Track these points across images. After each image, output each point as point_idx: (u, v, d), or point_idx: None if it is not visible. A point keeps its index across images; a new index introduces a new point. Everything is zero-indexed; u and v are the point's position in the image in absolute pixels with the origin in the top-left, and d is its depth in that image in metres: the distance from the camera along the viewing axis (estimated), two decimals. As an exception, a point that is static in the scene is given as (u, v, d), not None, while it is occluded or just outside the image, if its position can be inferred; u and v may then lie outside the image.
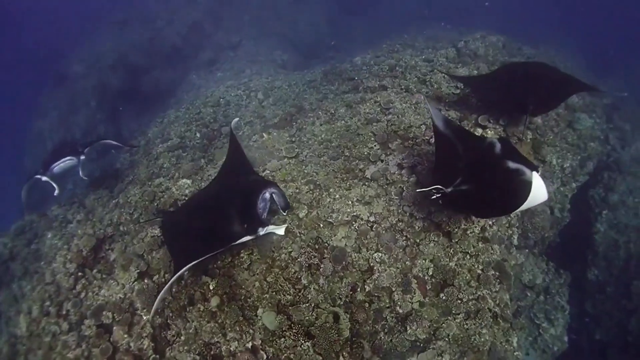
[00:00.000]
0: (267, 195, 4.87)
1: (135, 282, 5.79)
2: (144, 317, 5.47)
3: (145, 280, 5.77)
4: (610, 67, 13.71)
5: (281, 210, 5.03)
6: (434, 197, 5.05)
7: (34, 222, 8.23)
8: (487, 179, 4.97)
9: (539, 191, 4.48)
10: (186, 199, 6.55)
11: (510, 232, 6.31)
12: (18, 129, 20.60)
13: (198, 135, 8.62)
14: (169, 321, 5.38)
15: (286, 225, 5.41)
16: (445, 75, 7.86)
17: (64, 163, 7.81)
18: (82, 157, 7.90)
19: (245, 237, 4.72)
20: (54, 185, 7.76)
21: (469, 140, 5.51)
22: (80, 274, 6.26)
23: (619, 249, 8.42)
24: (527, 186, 4.61)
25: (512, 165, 4.83)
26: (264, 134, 7.43)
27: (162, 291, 4.95)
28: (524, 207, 4.70)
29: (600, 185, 9.06)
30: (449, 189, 4.94)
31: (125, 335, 5.43)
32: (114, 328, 5.51)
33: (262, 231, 4.69)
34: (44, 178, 7.72)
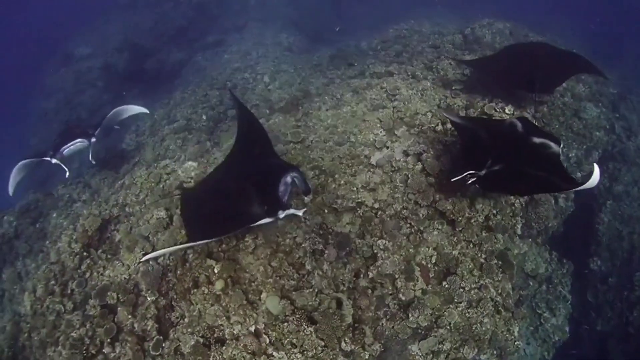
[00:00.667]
0: (289, 178, 4.75)
1: (140, 264, 5.79)
2: (149, 299, 5.49)
3: (150, 262, 5.76)
4: (618, 54, 13.60)
5: (303, 194, 5.02)
6: (470, 182, 5.10)
7: (39, 201, 8.31)
8: (517, 157, 5.11)
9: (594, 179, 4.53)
10: (192, 181, 6.57)
11: (514, 221, 6.30)
12: (22, 109, 20.60)
13: (204, 117, 8.65)
14: (173, 303, 5.40)
15: (306, 209, 5.41)
16: (452, 62, 7.84)
17: (74, 145, 7.56)
18: (93, 140, 7.66)
19: (264, 219, 4.67)
20: (65, 167, 7.58)
21: (489, 124, 5.84)
22: (85, 253, 6.26)
23: (623, 239, 8.43)
24: (556, 158, 5.05)
25: (537, 140, 5.15)
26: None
27: (168, 249, 5.13)
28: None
29: (605, 175, 9.03)
30: (483, 172, 5.00)
31: (130, 316, 5.45)
32: (119, 309, 5.53)
33: (282, 214, 4.63)
34: (54, 160, 7.48)
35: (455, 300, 5.37)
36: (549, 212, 6.94)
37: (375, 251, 5.43)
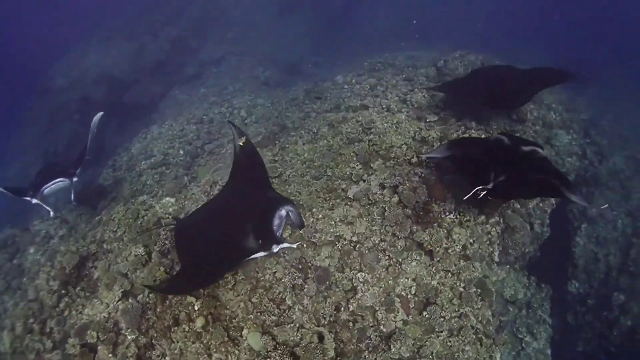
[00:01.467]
0: (283, 212, 4.75)
1: (120, 302, 5.75)
2: (129, 337, 5.43)
3: (130, 300, 5.74)
4: (589, 82, 13.93)
5: (296, 228, 4.99)
6: (481, 195, 5.33)
7: (16, 236, 8.22)
8: (515, 165, 5.45)
9: None
10: (170, 216, 6.57)
11: (491, 249, 6.41)
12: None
13: (181, 152, 8.67)
14: (153, 341, 5.37)
15: (299, 242, 5.50)
16: (426, 95, 8.01)
17: (55, 185, 7.31)
18: (75, 179, 7.44)
19: (259, 253, 4.67)
20: (47, 208, 7.33)
21: (476, 144, 6.20)
22: (63, 291, 6.23)
23: (599, 261, 8.54)
24: (547, 161, 5.61)
25: (526, 148, 5.60)
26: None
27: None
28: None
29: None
30: (490, 185, 5.28)
31: (110, 355, 5.40)
32: (99, 347, 5.47)
33: (276, 248, 4.60)
34: (34, 200, 7.18)
35: (437, 329, 5.40)
36: (525, 238, 7.05)
37: (355, 284, 5.47)
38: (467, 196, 5.42)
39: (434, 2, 21.74)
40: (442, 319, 5.46)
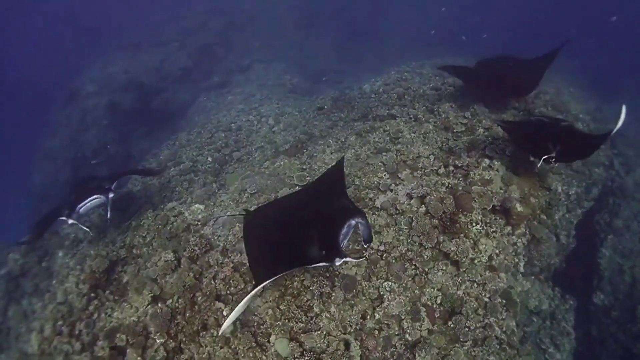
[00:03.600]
0: (353, 222, 4.52)
1: (149, 306, 5.87)
2: (157, 341, 5.54)
3: (159, 304, 5.85)
4: (614, 91, 13.81)
5: (363, 242, 4.72)
6: (552, 161, 6.24)
7: (45, 240, 8.32)
8: (563, 136, 6.36)
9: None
10: (199, 223, 6.69)
11: (517, 260, 6.42)
12: (27, 144, 20.81)
13: (210, 159, 8.78)
14: (182, 345, 5.47)
15: (363, 258, 5.57)
16: (453, 105, 8.05)
17: (91, 202, 6.86)
18: (111, 195, 6.98)
19: (321, 263, 4.59)
20: (84, 228, 7.01)
21: (528, 125, 7.09)
22: (93, 295, 6.36)
23: (624, 273, 8.47)
24: (578, 130, 7.17)
25: (564, 124, 6.81)
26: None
27: (243, 302, 4.58)
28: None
29: (605, 211, 9.12)
30: (553, 153, 6.15)
31: (139, 358, 5.50)
32: (128, 350, 5.58)
33: (338, 262, 4.44)
34: (70, 221, 6.74)
35: (461, 339, 5.43)
36: (551, 250, 7.03)
37: (382, 293, 5.52)
38: (539, 163, 6.28)
39: (458, 11, 21.75)
40: (466, 329, 5.48)
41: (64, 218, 6.76)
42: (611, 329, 8.33)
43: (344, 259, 4.43)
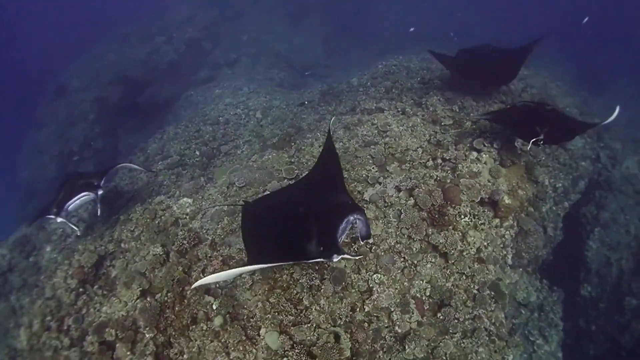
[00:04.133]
0: (351, 218, 4.53)
1: (138, 300, 5.86)
2: (147, 335, 5.53)
3: (148, 299, 5.84)
4: (600, 86, 13.93)
5: (361, 238, 4.70)
6: (540, 142, 6.46)
7: (32, 235, 8.27)
8: (548, 119, 6.61)
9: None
10: (188, 217, 6.68)
11: (505, 252, 6.47)
12: (13, 140, 20.66)
13: (198, 153, 8.75)
14: (171, 340, 5.46)
15: (362, 256, 5.59)
16: (440, 99, 8.08)
17: (80, 200, 6.76)
18: (100, 192, 6.86)
19: (318, 259, 4.53)
20: (73, 226, 6.84)
21: (514, 112, 7.17)
22: (81, 289, 6.33)
23: (611, 265, 8.57)
24: (563, 114, 7.34)
25: (548, 107, 7.03)
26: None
27: (222, 274, 4.40)
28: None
29: (592, 204, 9.22)
30: (541, 135, 6.37)
31: (128, 353, 5.49)
32: (117, 345, 5.57)
33: (336, 258, 4.41)
34: (59, 219, 6.59)
35: (450, 331, 5.46)
36: (538, 242, 7.10)
37: (371, 285, 5.52)
38: (529, 145, 6.51)
39: (449, 6, 21.85)
40: (456, 321, 5.52)
41: (52, 216, 6.65)
42: (598, 321, 8.43)
43: (342, 256, 4.42)
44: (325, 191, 5.19)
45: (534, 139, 6.43)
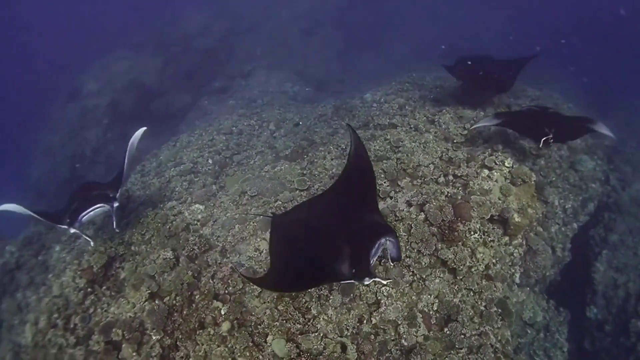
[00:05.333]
0: (384, 241, 4.30)
1: (146, 302, 5.91)
2: (154, 337, 5.59)
3: (156, 301, 5.90)
4: (611, 107, 13.91)
5: (391, 260, 4.50)
6: (550, 142, 6.96)
7: (42, 234, 8.38)
8: (554, 121, 7.17)
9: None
10: (199, 223, 6.74)
11: (513, 270, 6.49)
12: (26, 141, 20.83)
13: (210, 161, 8.82)
14: (178, 343, 5.53)
15: (391, 280, 5.61)
16: (453, 116, 8.17)
17: (94, 212, 6.34)
18: (116, 205, 6.43)
19: (349, 281, 4.36)
20: (87, 238, 6.45)
21: (517, 113, 7.95)
22: (89, 289, 6.39)
23: (618, 288, 8.52)
24: (563, 115, 7.73)
25: (550, 110, 7.73)
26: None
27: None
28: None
29: (600, 225, 9.18)
30: (551, 134, 6.88)
31: (134, 354, 5.55)
32: (123, 346, 5.63)
33: (367, 281, 4.21)
34: (72, 230, 6.20)
35: (457, 346, 5.48)
36: (546, 262, 7.11)
37: (379, 298, 5.57)
38: (541, 144, 6.96)
39: (463, 23, 21.93)
40: (462, 336, 5.53)
41: (64, 226, 6.27)
42: (604, 343, 8.38)
43: (374, 279, 4.24)
44: (358, 208, 4.99)
45: (545, 138, 6.88)
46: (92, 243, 6.51)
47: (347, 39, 21.13)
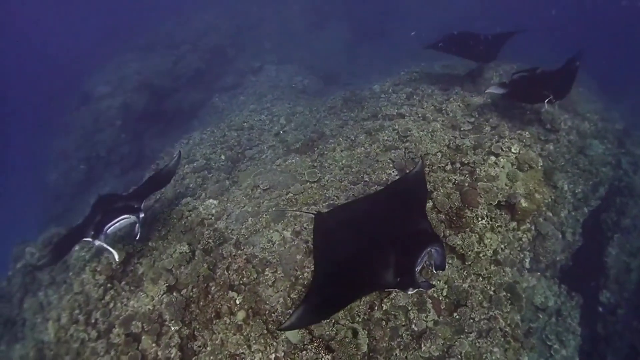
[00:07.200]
0: (430, 249, 4.29)
1: (164, 295, 6.07)
2: (172, 328, 5.75)
3: (174, 294, 6.06)
4: (622, 92, 13.80)
5: (435, 269, 4.46)
6: (550, 101, 7.45)
7: (61, 235, 8.46)
8: (550, 81, 7.73)
9: None
10: (213, 218, 6.89)
11: (522, 255, 6.58)
12: (41, 145, 21.08)
13: (223, 157, 8.97)
14: (195, 333, 5.69)
15: (434, 286, 5.66)
16: (460, 104, 8.25)
17: (119, 223, 6.20)
18: (142, 215, 6.33)
19: (392, 288, 4.40)
20: (111, 250, 6.25)
21: (518, 80, 8.05)
22: (109, 285, 6.54)
23: (631, 272, 8.53)
24: (547, 70, 8.13)
25: (544, 73, 8.07)
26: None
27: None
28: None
29: (612, 210, 9.18)
30: (550, 95, 7.39)
31: (154, 345, 5.72)
32: (143, 337, 5.80)
33: (411, 291, 4.21)
34: (97, 242, 6.11)
35: (466, 330, 5.60)
36: (556, 247, 7.15)
37: (389, 284, 5.65)
38: (546, 104, 7.48)
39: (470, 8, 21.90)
40: (471, 321, 5.65)
41: (89, 239, 6.20)
42: (617, 327, 8.40)
43: (418, 289, 4.25)
44: (406, 214, 4.95)
45: (547, 100, 7.40)
46: (116, 257, 6.35)
47: (355, 31, 21.18)
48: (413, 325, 5.53)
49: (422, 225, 4.70)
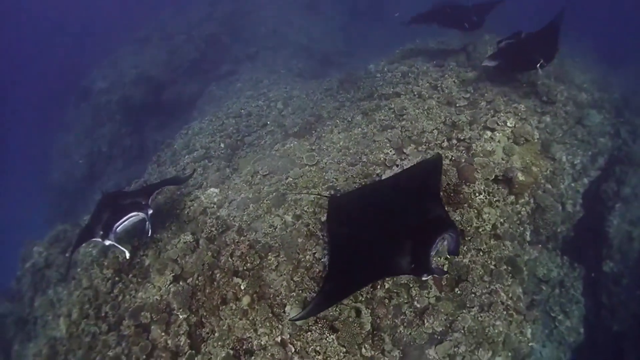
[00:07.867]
0: (444, 235, 4.34)
1: (171, 285, 6.15)
2: (180, 317, 5.83)
3: (180, 283, 6.14)
4: (621, 60, 13.70)
5: (449, 253, 4.58)
6: (541, 66, 7.53)
7: (67, 231, 8.64)
8: (537, 46, 7.79)
9: None
10: (215, 206, 6.97)
11: (522, 228, 6.61)
12: (42, 142, 21.18)
13: (222, 145, 9.03)
14: (203, 320, 5.77)
15: (448, 273, 5.72)
16: (455, 81, 8.25)
17: (128, 221, 6.21)
18: (150, 212, 6.32)
19: (407, 274, 4.47)
20: (122, 248, 6.22)
21: (508, 50, 8.16)
22: (117, 278, 6.63)
23: (633, 241, 8.56)
24: (531, 34, 8.19)
25: (523, 35, 8.24)
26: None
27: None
28: None
29: (612, 179, 9.19)
30: (541, 60, 7.46)
31: (163, 334, 5.79)
32: (152, 327, 5.88)
33: (425, 277, 4.28)
34: (107, 242, 6.07)
35: (468, 305, 5.64)
36: (556, 218, 7.17)
37: (391, 263, 5.71)
38: (538, 69, 7.56)
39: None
40: (473, 295, 5.68)
41: (98, 239, 6.18)
42: (621, 297, 8.44)
43: (431, 275, 4.33)
44: (422, 200, 4.95)
45: (539, 65, 7.48)
46: (127, 254, 6.34)
47: (351, 11, 21.06)
48: (415, 302, 5.57)
49: (438, 211, 4.72)
